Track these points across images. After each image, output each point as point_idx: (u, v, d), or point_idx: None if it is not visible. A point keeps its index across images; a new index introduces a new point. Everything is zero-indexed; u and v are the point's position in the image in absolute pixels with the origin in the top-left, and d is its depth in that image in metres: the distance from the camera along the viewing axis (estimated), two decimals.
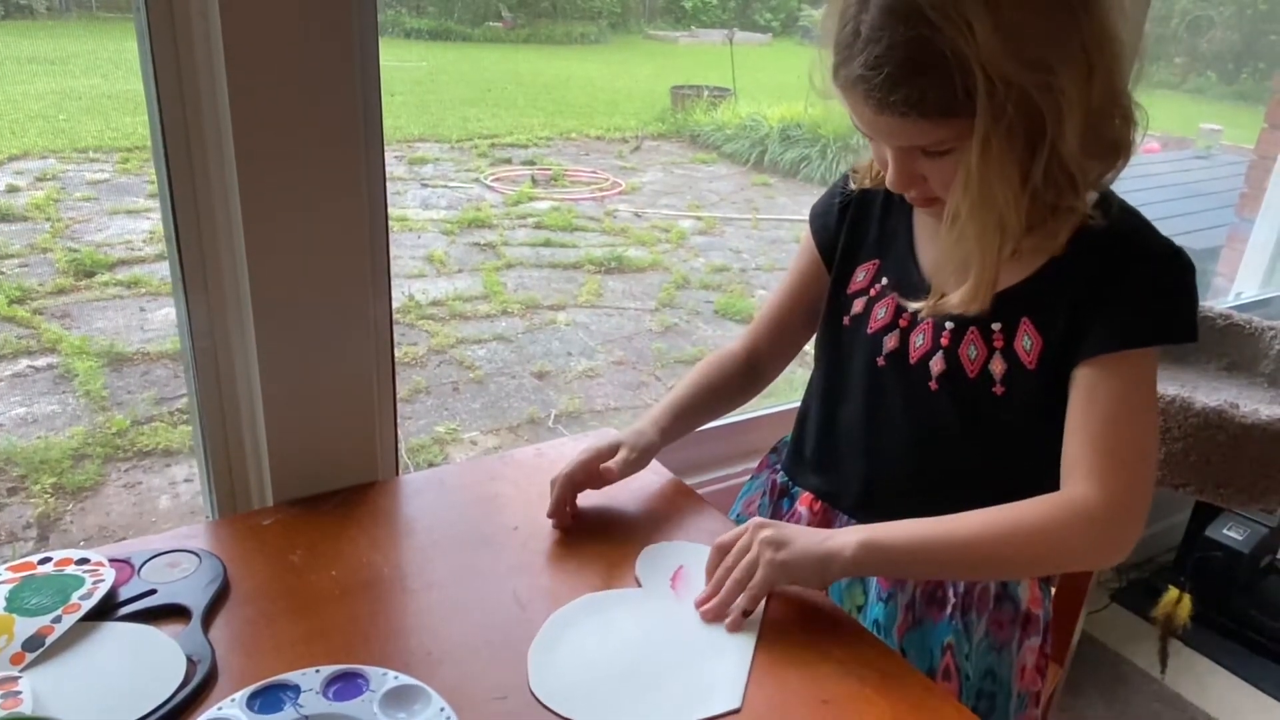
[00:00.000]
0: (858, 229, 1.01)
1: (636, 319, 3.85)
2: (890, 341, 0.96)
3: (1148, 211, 0.87)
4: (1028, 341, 0.88)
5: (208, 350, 1.01)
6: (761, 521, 0.88)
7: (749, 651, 0.83)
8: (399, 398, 1.12)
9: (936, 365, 0.92)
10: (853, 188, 1.01)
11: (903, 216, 0.98)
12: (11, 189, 4.44)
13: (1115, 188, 0.88)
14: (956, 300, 0.86)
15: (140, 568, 0.89)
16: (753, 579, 0.84)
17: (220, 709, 0.73)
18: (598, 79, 8.83)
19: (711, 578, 0.88)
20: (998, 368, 0.89)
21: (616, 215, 5.19)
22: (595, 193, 5.60)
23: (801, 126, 6.22)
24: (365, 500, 1.05)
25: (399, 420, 1.14)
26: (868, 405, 0.99)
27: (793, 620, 0.88)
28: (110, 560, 0.88)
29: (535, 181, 5.65)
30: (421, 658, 0.81)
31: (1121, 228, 0.85)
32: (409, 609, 0.87)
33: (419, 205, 5.00)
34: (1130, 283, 0.84)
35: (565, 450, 1.11)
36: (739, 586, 0.85)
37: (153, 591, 0.86)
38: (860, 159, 0.99)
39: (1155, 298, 0.84)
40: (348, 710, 0.73)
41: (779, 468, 1.12)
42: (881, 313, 0.97)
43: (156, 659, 0.78)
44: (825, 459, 1.04)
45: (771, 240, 4.98)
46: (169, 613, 0.84)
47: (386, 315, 1.07)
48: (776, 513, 1.09)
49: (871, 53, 0.76)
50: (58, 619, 0.80)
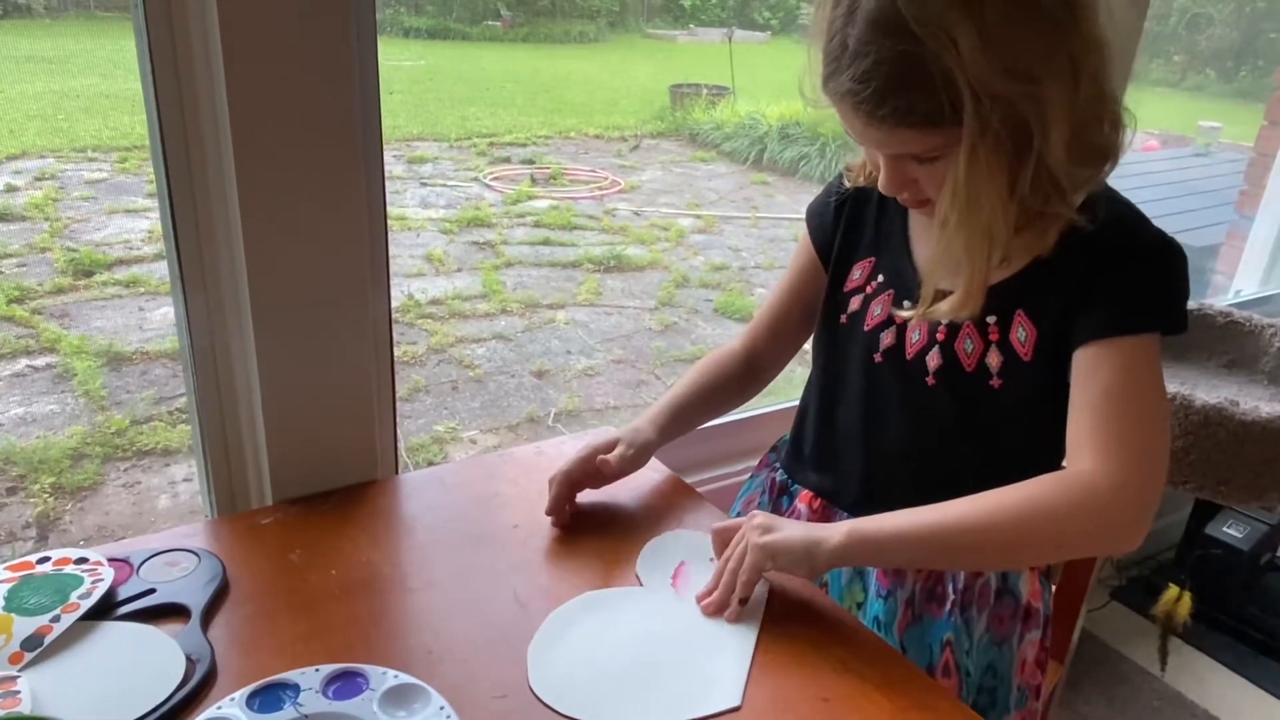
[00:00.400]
0: (854, 227, 1.02)
1: (636, 317, 3.85)
2: (887, 338, 0.96)
3: (1148, 209, 0.86)
4: (1023, 333, 0.88)
5: (206, 349, 1.01)
6: (758, 513, 0.90)
7: (749, 649, 0.83)
8: (398, 396, 1.12)
9: (933, 360, 0.92)
10: (847, 186, 1.01)
11: (898, 214, 0.98)
12: (10, 189, 4.44)
13: (1115, 186, 0.88)
14: (946, 308, 0.87)
15: (139, 567, 0.89)
16: (742, 565, 0.86)
17: (219, 708, 0.73)
18: (596, 77, 8.84)
19: (716, 559, 0.91)
20: (994, 360, 0.89)
21: (615, 214, 5.19)
22: (594, 191, 5.60)
23: (800, 125, 6.23)
24: (365, 499, 1.05)
25: (398, 419, 1.14)
26: (866, 402, 0.99)
27: (793, 618, 0.88)
28: (109, 559, 0.88)
29: (534, 180, 5.65)
30: (421, 656, 0.81)
31: (1113, 219, 0.84)
32: (408, 608, 0.87)
33: (418, 204, 5.00)
34: (1121, 272, 0.84)
35: (564, 449, 1.11)
36: (735, 577, 0.87)
37: (152, 591, 0.86)
38: (855, 158, 0.99)
39: (1145, 287, 0.84)
40: (347, 709, 0.73)
41: (778, 466, 1.12)
42: (878, 310, 0.97)
43: (155, 658, 0.78)
44: (824, 457, 1.04)
45: (770, 238, 4.98)
46: (168, 612, 0.84)
47: (385, 314, 1.07)
48: (776, 511, 1.08)
49: (859, 67, 0.76)
50: (56, 618, 0.80)
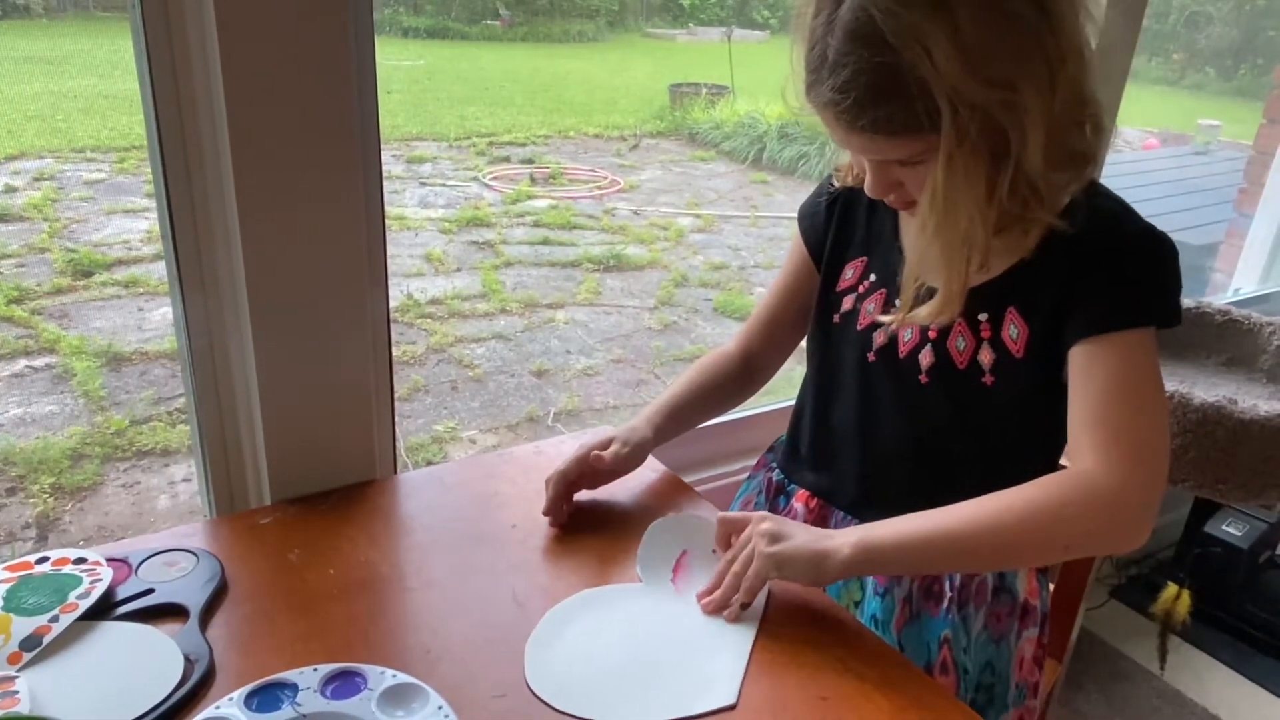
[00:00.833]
0: (845, 227, 1.02)
1: (635, 317, 3.85)
2: (879, 337, 0.96)
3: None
4: (1014, 331, 0.88)
5: (205, 349, 1.01)
6: (767, 515, 0.89)
7: (746, 648, 0.83)
8: (397, 396, 1.12)
9: (926, 358, 0.93)
10: (836, 185, 1.02)
11: (888, 214, 0.98)
12: (9, 189, 4.44)
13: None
14: (925, 313, 0.87)
15: (138, 567, 0.89)
16: (748, 571, 0.85)
17: (218, 708, 0.73)
18: (596, 77, 8.83)
19: (719, 550, 0.92)
20: (986, 358, 0.89)
21: (615, 213, 5.19)
22: (594, 191, 5.59)
23: (799, 124, 6.22)
24: (363, 499, 1.05)
25: (397, 419, 1.14)
26: (860, 401, 0.99)
27: (790, 617, 0.88)
28: (108, 559, 0.88)
29: (533, 180, 5.65)
30: (420, 656, 0.81)
31: (1099, 215, 0.84)
32: (407, 607, 0.87)
33: (417, 204, 5.00)
34: (1109, 268, 0.83)
35: (564, 448, 1.11)
36: (738, 580, 0.86)
37: (150, 591, 0.86)
38: (844, 158, 1.00)
39: (1135, 281, 0.83)
40: (346, 709, 0.73)
41: (775, 466, 1.12)
42: (870, 308, 0.97)
43: (154, 658, 0.78)
44: (820, 456, 1.04)
45: (770, 238, 4.97)
46: (167, 612, 0.84)
47: (384, 314, 1.07)
48: (773, 511, 1.08)
49: (839, 77, 0.77)
50: (55, 618, 0.80)
